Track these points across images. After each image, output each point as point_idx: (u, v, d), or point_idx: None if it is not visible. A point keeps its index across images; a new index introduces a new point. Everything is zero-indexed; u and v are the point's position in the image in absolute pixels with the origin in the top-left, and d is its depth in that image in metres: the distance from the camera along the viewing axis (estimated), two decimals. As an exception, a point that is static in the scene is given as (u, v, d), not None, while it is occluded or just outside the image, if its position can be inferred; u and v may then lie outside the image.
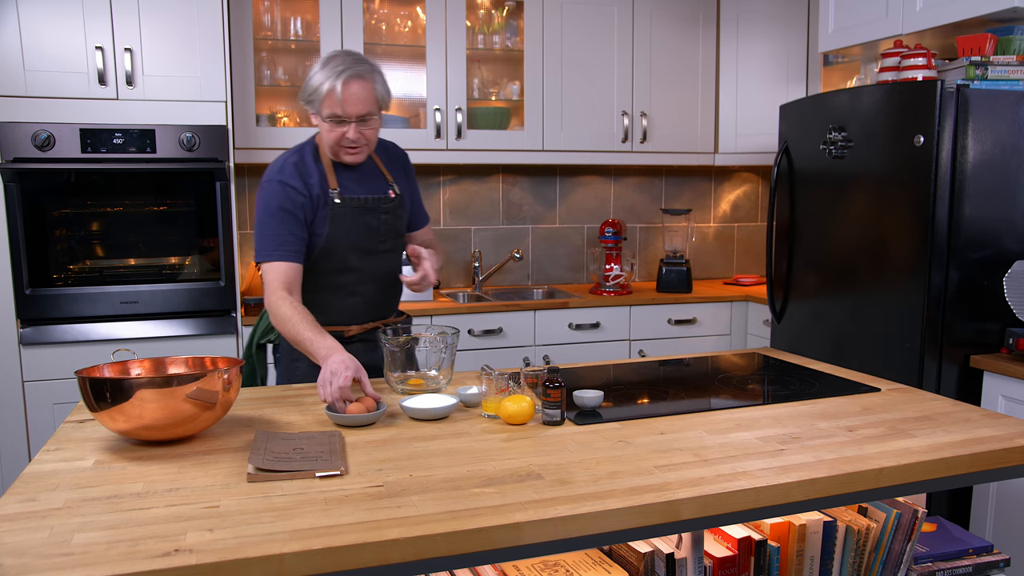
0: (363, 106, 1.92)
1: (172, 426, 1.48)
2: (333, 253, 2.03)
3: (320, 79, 1.91)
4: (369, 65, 1.96)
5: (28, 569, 1.01)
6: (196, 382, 1.46)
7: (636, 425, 1.63)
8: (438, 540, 1.13)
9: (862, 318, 2.78)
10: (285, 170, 1.99)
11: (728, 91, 3.88)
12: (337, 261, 2.04)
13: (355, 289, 2.08)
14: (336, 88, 1.89)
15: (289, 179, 1.98)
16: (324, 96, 1.91)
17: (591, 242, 4.10)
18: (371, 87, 1.93)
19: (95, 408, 1.45)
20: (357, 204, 2.03)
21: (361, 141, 1.97)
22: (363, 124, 1.95)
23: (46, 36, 2.79)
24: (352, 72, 1.90)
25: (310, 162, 2.03)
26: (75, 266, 2.96)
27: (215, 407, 1.52)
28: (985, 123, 2.48)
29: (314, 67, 1.95)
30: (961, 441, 1.53)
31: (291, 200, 1.96)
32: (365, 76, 1.92)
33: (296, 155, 2.04)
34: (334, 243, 2.02)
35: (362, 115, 1.93)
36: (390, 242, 2.12)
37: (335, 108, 1.91)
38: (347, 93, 1.90)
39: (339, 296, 2.08)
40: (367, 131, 1.97)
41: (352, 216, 2.03)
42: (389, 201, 2.10)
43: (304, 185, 1.98)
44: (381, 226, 2.08)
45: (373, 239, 2.07)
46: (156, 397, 1.43)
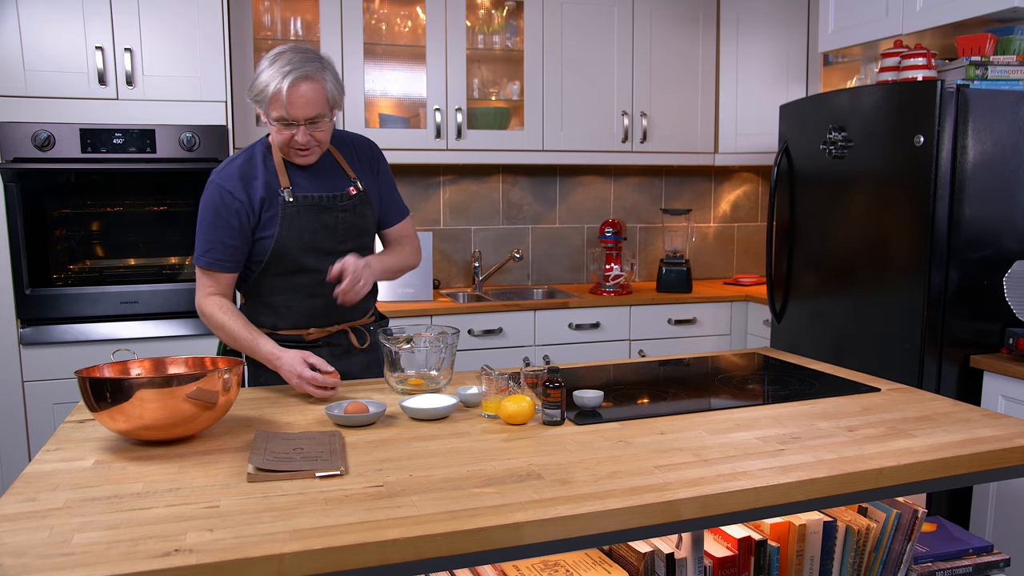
0: (312, 108, 1.82)
1: (172, 426, 1.48)
2: (287, 254, 1.94)
3: (266, 79, 1.80)
4: (319, 63, 1.84)
5: (28, 569, 1.01)
6: (196, 382, 1.46)
7: (636, 425, 1.63)
8: (438, 540, 1.13)
9: (862, 318, 2.78)
10: (226, 172, 1.92)
11: (728, 91, 3.88)
12: (292, 262, 1.95)
13: (314, 291, 1.97)
14: (282, 90, 1.78)
15: (227, 182, 1.90)
16: (270, 98, 1.80)
17: (591, 242, 4.10)
18: (320, 88, 1.82)
19: (95, 408, 1.45)
20: (311, 203, 1.94)
21: (311, 143, 1.87)
22: (313, 126, 1.85)
23: (46, 36, 2.79)
24: (300, 73, 1.78)
25: (259, 162, 1.94)
26: (75, 266, 2.96)
27: (215, 407, 1.52)
28: (985, 123, 2.48)
29: (262, 63, 1.84)
30: (961, 441, 1.53)
31: (226, 206, 1.89)
32: (313, 76, 1.81)
33: (245, 154, 1.96)
34: (286, 244, 1.93)
35: (311, 117, 1.83)
36: (352, 242, 2.00)
37: (281, 111, 1.80)
38: (294, 95, 1.79)
39: (298, 298, 1.98)
40: (317, 133, 1.87)
41: (305, 215, 1.93)
42: (348, 198, 1.98)
43: (244, 189, 1.90)
44: (339, 225, 1.97)
45: (331, 238, 1.97)
46: (156, 397, 1.43)
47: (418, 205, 3.83)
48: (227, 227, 1.90)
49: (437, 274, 3.88)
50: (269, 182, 1.93)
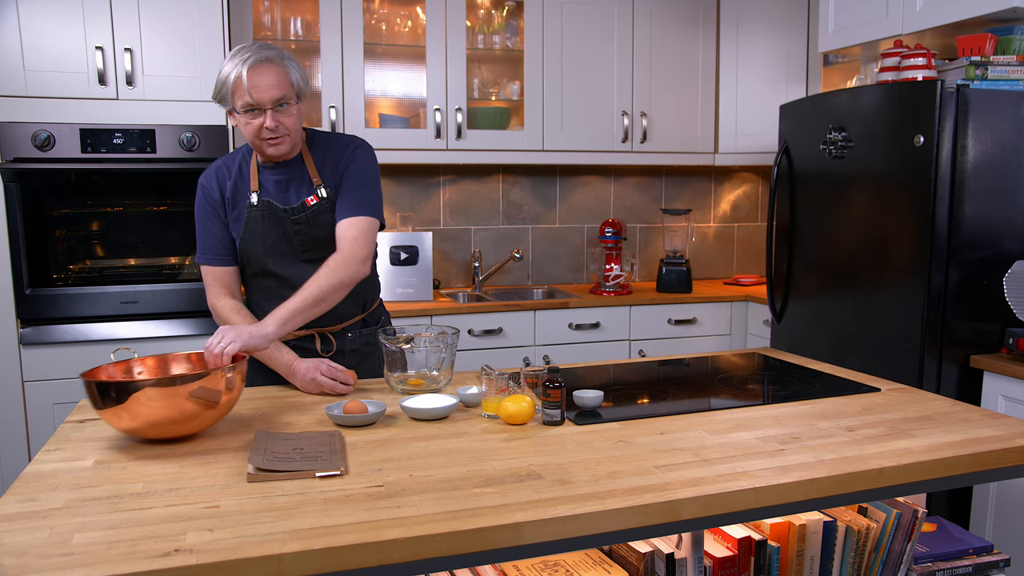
0: (276, 90, 1.83)
1: (176, 424, 1.48)
2: (252, 256, 1.99)
3: (227, 70, 1.83)
4: (279, 51, 1.87)
5: (28, 569, 1.01)
6: (199, 381, 1.46)
7: (636, 425, 1.63)
8: (438, 540, 1.13)
9: (862, 318, 2.78)
10: (207, 170, 2.02)
11: (728, 91, 3.88)
12: (256, 265, 2.00)
13: (279, 293, 1.95)
14: (243, 75, 1.80)
15: (206, 180, 2.00)
16: (233, 86, 1.82)
17: (591, 242, 4.10)
18: (282, 71, 1.84)
19: (100, 406, 1.46)
20: (271, 211, 1.96)
21: (281, 130, 1.87)
22: (280, 112, 1.85)
23: (46, 36, 2.79)
24: (259, 57, 1.82)
25: (235, 164, 2.01)
26: (75, 266, 2.96)
27: (219, 405, 1.52)
28: (985, 123, 2.48)
29: (223, 63, 1.87)
30: (961, 441, 1.53)
31: (206, 201, 1.99)
32: (274, 60, 1.84)
33: (228, 156, 2.04)
34: (250, 247, 1.98)
35: (276, 99, 1.83)
36: (316, 251, 1.97)
37: (245, 96, 1.82)
38: (256, 79, 1.81)
39: (269, 299, 1.99)
40: (285, 119, 1.86)
41: (266, 221, 1.96)
42: (303, 210, 1.95)
43: (217, 186, 1.99)
44: (295, 236, 1.96)
45: (289, 247, 1.98)
46: (160, 396, 1.44)
47: (418, 205, 3.83)
48: (213, 221, 1.99)
49: (437, 274, 3.88)
50: (239, 185, 2.00)
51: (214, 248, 2.00)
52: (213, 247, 2.00)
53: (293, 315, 1.82)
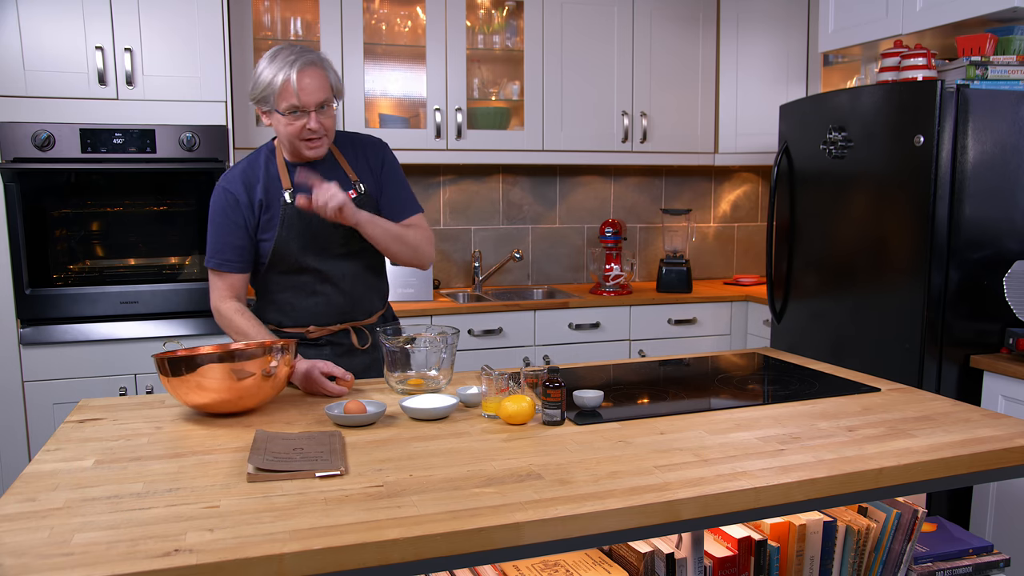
0: (321, 93, 1.88)
1: (238, 400, 1.65)
2: (287, 254, 1.98)
3: (271, 72, 1.85)
4: (317, 53, 1.92)
5: (28, 569, 1.01)
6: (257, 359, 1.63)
7: (636, 425, 1.63)
8: (438, 540, 1.13)
9: (862, 318, 2.78)
10: (230, 175, 2.00)
11: (728, 91, 3.88)
12: (292, 262, 1.99)
13: (315, 289, 2.02)
14: (292, 78, 1.84)
15: (230, 185, 1.97)
16: (280, 88, 1.85)
17: (591, 242, 4.10)
18: (324, 74, 1.89)
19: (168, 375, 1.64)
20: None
21: (321, 131, 1.92)
22: (322, 113, 1.90)
23: (46, 36, 2.79)
24: (305, 60, 1.86)
25: (261, 165, 2.00)
26: (75, 266, 2.96)
27: (268, 383, 1.67)
28: (985, 123, 2.48)
29: (260, 64, 1.90)
30: (961, 441, 1.53)
31: (229, 206, 1.96)
32: (318, 64, 1.88)
33: (250, 158, 2.03)
34: (286, 244, 1.97)
35: (320, 103, 1.88)
36: (353, 244, 2.02)
37: (292, 99, 1.85)
38: (304, 82, 1.85)
39: (299, 296, 2.03)
40: (326, 120, 1.92)
41: (304, 217, 1.96)
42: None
43: (245, 190, 1.96)
44: (338, 227, 1.98)
45: (329, 240, 2.00)
46: (223, 373, 1.61)
47: (418, 205, 3.83)
48: (233, 228, 1.96)
49: (437, 274, 3.88)
50: (269, 185, 1.98)
51: (229, 254, 1.97)
52: (227, 253, 1.97)
53: (382, 225, 1.96)
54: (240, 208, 1.95)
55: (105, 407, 1.77)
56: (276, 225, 1.97)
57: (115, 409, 1.76)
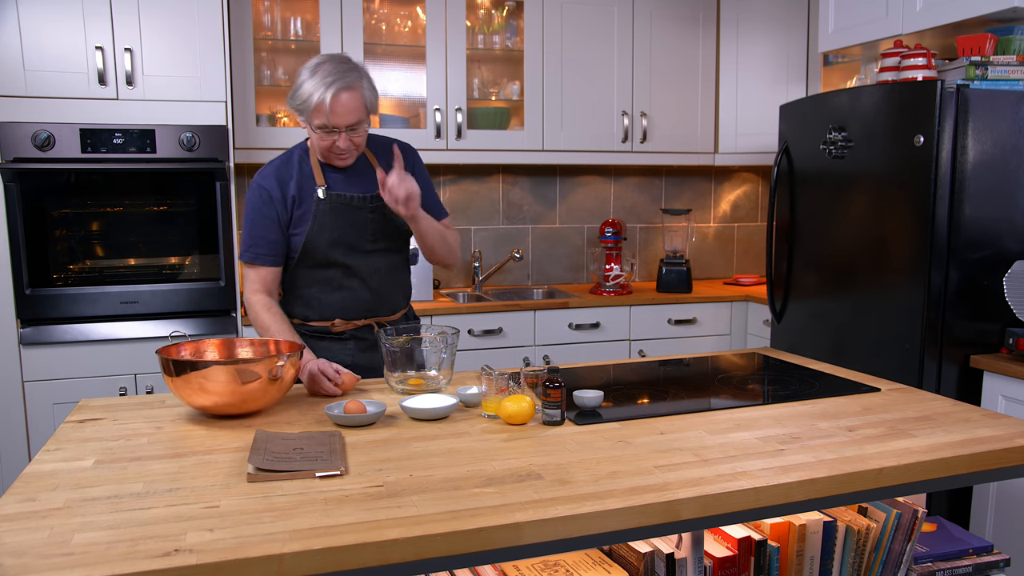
0: (352, 116, 1.94)
1: (242, 403, 1.64)
2: (317, 249, 2.04)
3: (309, 89, 1.91)
4: (357, 72, 1.96)
5: (28, 569, 1.01)
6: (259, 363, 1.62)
7: (636, 425, 1.63)
8: (438, 540, 1.13)
9: (862, 318, 2.78)
10: (265, 172, 2.06)
11: (728, 91, 3.88)
12: (321, 257, 2.05)
13: (342, 284, 2.08)
14: (325, 100, 1.89)
15: (264, 181, 2.04)
16: (314, 107, 1.91)
17: (591, 242, 4.10)
18: (360, 96, 1.94)
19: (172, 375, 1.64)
20: (342, 201, 2.04)
21: (350, 148, 1.99)
22: (352, 132, 1.97)
23: (46, 36, 2.79)
24: (342, 83, 1.90)
25: (295, 163, 2.07)
26: (75, 266, 2.96)
27: (274, 387, 1.66)
28: (985, 123, 2.48)
29: (302, 73, 1.95)
30: (961, 441, 1.53)
31: (264, 203, 2.03)
32: (354, 86, 1.93)
33: (283, 157, 2.10)
34: (317, 239, 2.03)
35: (351, 124, 1.95)
36: (382, 241, 2.11)
37: (324, 119, 1.92)
38: (336, 105, 1.90)
39: (326, 291, 2.09)
40: (356, 138, 1.99)
41: (336, 213, 2.03)
42: (378, 200, 2.06)
43: (279, 186, 2.03)
44: (368, 224, 2.07)
45: (359, 237, 2.07)
46: (228, 375, 1.60)
47: (418, 205, 3.83)
48: (268, 222, 2.03)
49: (437, 274, 3.88)
50: (303, 182, 2.05)
51: (262, 248, 2.04)
52: (261, 247, 2.04)
53: (433, 222, 2.08)
54: (274, 203, 2.02)
55: (105, 407, 1.77)
56: (308, 220, 2.03)
57: (115, 409, 1.76)
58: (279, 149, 3.29)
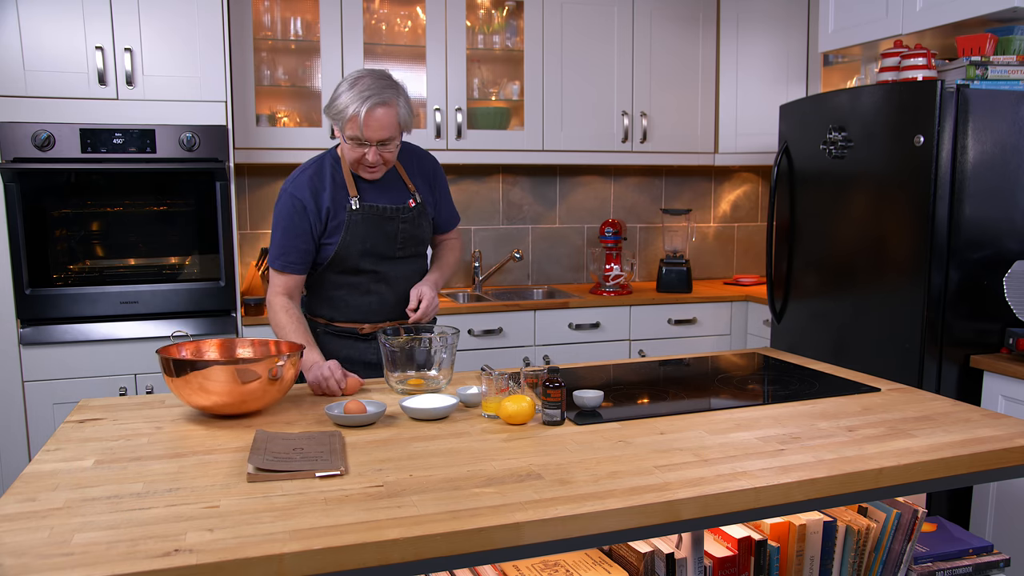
0: (385, 132, 1.97)
1: (241, 403, 1.64)
2: (348, 257, 2.09)
3: (346, 101, 1.94)
4: (395, 90, 1.99)
5: (28, 569, 1.01)
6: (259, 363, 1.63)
7: (636, 425, 1.63)
8: (438, 540, 1.13)
9: (862, 318, 2.78)
10: (298, 181, 2.08)
11: (728, 91, 3.88)
12: (352, 264, 2.10)
13: (369, 288, 2.13)
14: (360, 114, 1.92)
15: (298, 191, 2.06)
16: (348, 119, 1.95)
17: (591, 242, 4.10)
18: (395, 113, 1.97)
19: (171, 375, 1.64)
20: (375, 212, 2.09)
21: (379, 163, 2.03)
22: (383, 147, 2.00)
23: (46, 36, 2.79)
24: (378, 99, 1.93)
25: (327, 174, 2.09)
26: (75, 266, 2.96)
27: (274, 387, 1.67)
28: (985, 123, 2.48)
29: (341, 84, 1.99)
30: (961, 441, 1.53)
31: (297, 213, 2.05)
32: (390, 103, 1.95)
33: (315, 164, 2.12)
34: (349, 248, 2.08)
35: (383, 140, 1.98)
36: (410, 248, 2.17)
37: (357, 132, 1.95)
38: (370, 119, 1.93)
39: (353, 294, 2.14)
40: (386, 153, 2.02)
41: (368, 223, 2.08)
42: (408, 211, 2.14)
43: (313, 198, 2.06)
44: (399, 234, 2.13)
45: (390, 246, 2.13)
46: (228, 375, 1.60)
47: (418, 205, 3.83)
48: (300, 233, 2.06)
49: (437, 274, 3.88)
50: (336, 193, 2.08)
51: (293, 257, 2.06)
52: (292, 256, 2.06)
53: (444, 277, 2.25)
54: (307, 215, 2.05)
55: (105, 407, 1.77)
56: (341, 230, 2.07)
57: (115, 409, 1.76)
58: (279, 149, 3.29)
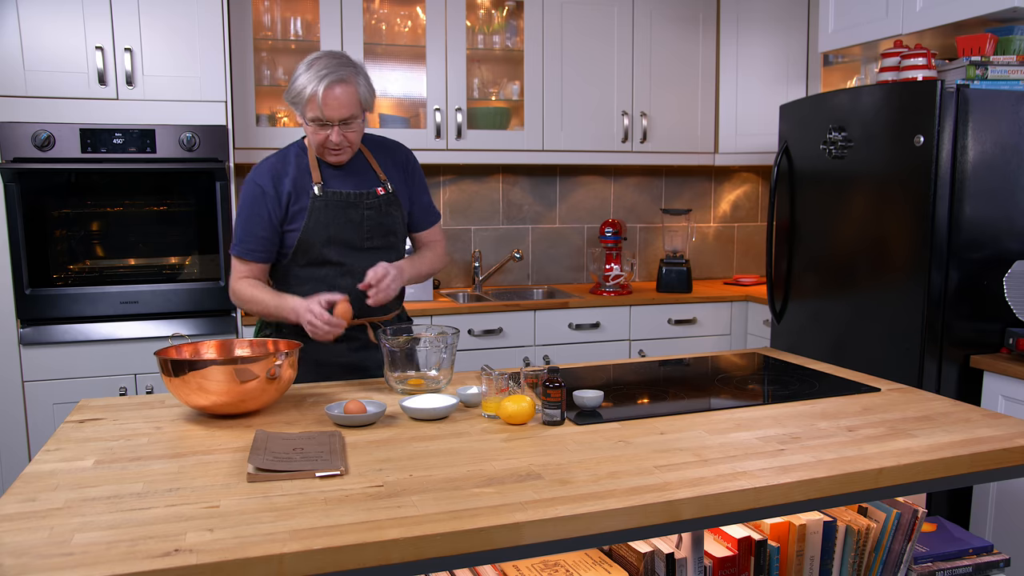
0: (345, 110, 1.93)
1: (240, 402, 1.65)
2: (311, 246, 2.03)
3: (303, 82, 1.92)
4: (353, 68, 1.96)
5: (28, 569, 1.01)
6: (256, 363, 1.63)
7: (636, 425, 1.63)
8: (438, 540, 1.13)
9: (862, 318, 2.78)
10: (260, 168, 2.06)
11: (728, 91, 3.88)
12: (316, 254, 2.04)
13: (336, 283, 2.05)
14: (318, 92, 1.89)
15: (259, 178, 2.04)
16: (307, 100, 1.92)
17: (591, 242, 4.10)
18: (354, 91, 1.94)
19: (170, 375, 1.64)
20: (339, 199, 2.04)
21: (344, 143, 1.99)
22: (346, 127, 1.96)
23: (46, 36, 2.79)
24: (335, 76, 1.90)
25: (291, 160, 2.06)
26: (75, 266, 2.96)
27: (273, 386, 1.67)
28: (985, 123, 2.48)
29: (299, 67, 1.95)
30: (961, 441, 1.53)
31: (257, 200, 2.03)
32: (348, 80, 1.92)
33: (281, 153, 2.10)
34: (311, 236, 2.03)
35: (344, 118, 1.94)
36: (378, 239, 2.10)
37: (317, 112, 1.92)
38: (329, 98, 1.90)
39: (320, 289, 2.03)
40: (350, 133, 1.98)
41: (331, 210, 2.03)
42: (375, 197, 2.07)
43: (273, 184, 2.03)
44: (365, 222, 2.07)
45: (355, 234, 2.06)
46: (226, 375, 1.61)
47: (418, 205, 3.83)
48: (259, 219, 2.03)
49: (437, 274, 3.88)
50: (299, 178, 2.05)
51: (252, 244, 2.04)
52: (251, 243, 2.04)
53: (416, 275, 2.14)
54: (266, 201, 2.02)
55: (105, 407, 1.77)
56: (304, 217, 2.02)
57: (115, 409, 1.76)
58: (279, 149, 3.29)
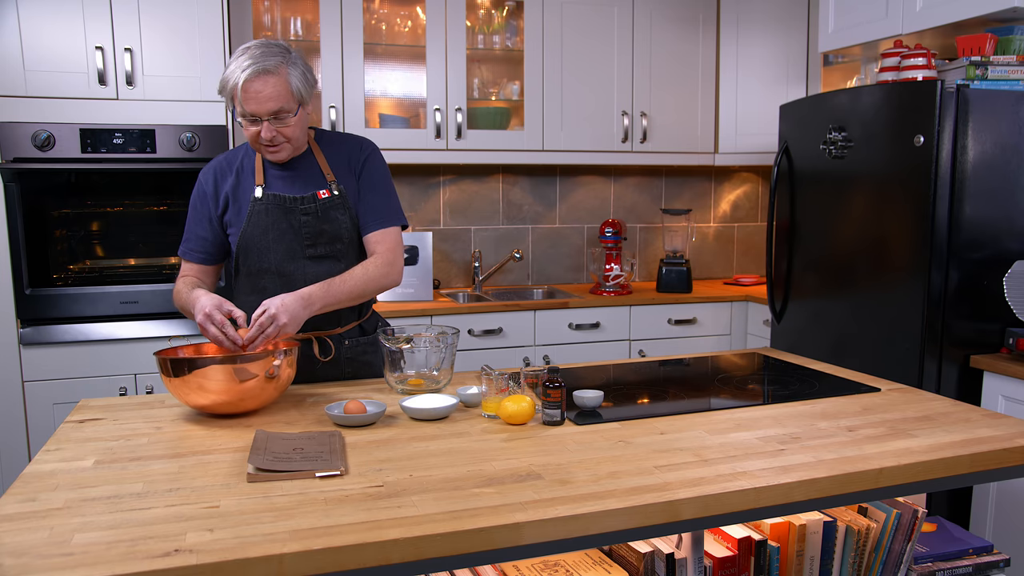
0: (272, 103, 1.77)
1: (239, 401, 1.65)
2: (250, 252, 1.91)
3: (227, 74, 1.77)
4: (282, 57, 1.78)
5: (28, 569, 1.01)
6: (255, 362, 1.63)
7: (636, 425, 1.63)
8: (438, 540, 1.13)
9: (862, 318, 2.78)
10: (208, 165, 2.00)
11: (728, 91, 3.88)
12: (254, 262, 1.92)
13: (276, 294, 1.83)
14: (238, 84, 1.74)
15: (203, 175, 1.98)
16: (230, 93, 1.78)
17: (591, 242, 4.10)
18: (282, 82, 1.77)
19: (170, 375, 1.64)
20: (277, 203, 1.90)
21: (279, 139, 1.83)
22: (278, 122, 1.80)
23: (46, 36, 2.79)
24: (258, 67, 1.74)
25: (239, 159, 1.97)
26: (75, 266, 2.96)
27: (272, 385, 1.67)
28: (985, 123, 2.48)
29: (230, 58, 1.82)
30: (961, 441, 1.53)
31: (198, 197, 1.97)
32: (273, 70, 1.75)
33: (230, 152, 2.01)
34: (250, 242, 1.91)
35: (273, 112, 1.78)
36: (321, 247, 1.93)
37: (240, 107, 1.78)
38: (251, 91, 1.75)
39: (261, 300, 1.80)
40: (284, 129, 1.82)
41: (271, 215, 1.89)
42: (314, 202, 1.91)
43: (214, 183, 1.95)
44: (303, 228, 1.91)
45: (296, 242, 1.91)
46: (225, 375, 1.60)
47: (418, 205, 3.83)
48: (200, 218, 1.98)
49: (437, 274, 3.88)
50: (242, 179, 1.96)
51: (193, 243, 1.99)
52: (192, 242, 1.99)
53: (339, 290, 1.84)
54: (207, 200, 1.96)
55: (105, 407, 1.77)
56: (243, 219, 1.91)
57: (115, 409, 1.76)
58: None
